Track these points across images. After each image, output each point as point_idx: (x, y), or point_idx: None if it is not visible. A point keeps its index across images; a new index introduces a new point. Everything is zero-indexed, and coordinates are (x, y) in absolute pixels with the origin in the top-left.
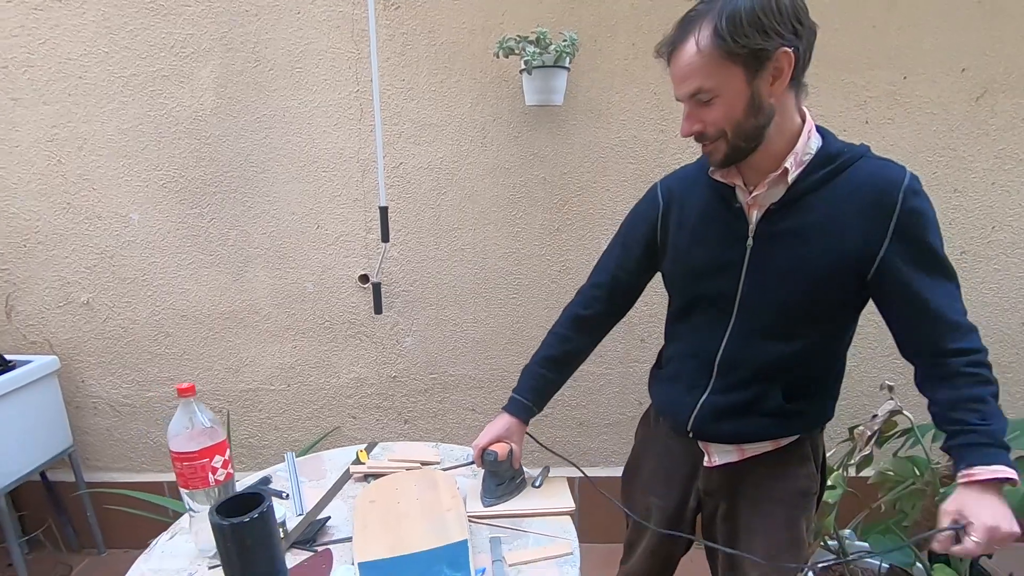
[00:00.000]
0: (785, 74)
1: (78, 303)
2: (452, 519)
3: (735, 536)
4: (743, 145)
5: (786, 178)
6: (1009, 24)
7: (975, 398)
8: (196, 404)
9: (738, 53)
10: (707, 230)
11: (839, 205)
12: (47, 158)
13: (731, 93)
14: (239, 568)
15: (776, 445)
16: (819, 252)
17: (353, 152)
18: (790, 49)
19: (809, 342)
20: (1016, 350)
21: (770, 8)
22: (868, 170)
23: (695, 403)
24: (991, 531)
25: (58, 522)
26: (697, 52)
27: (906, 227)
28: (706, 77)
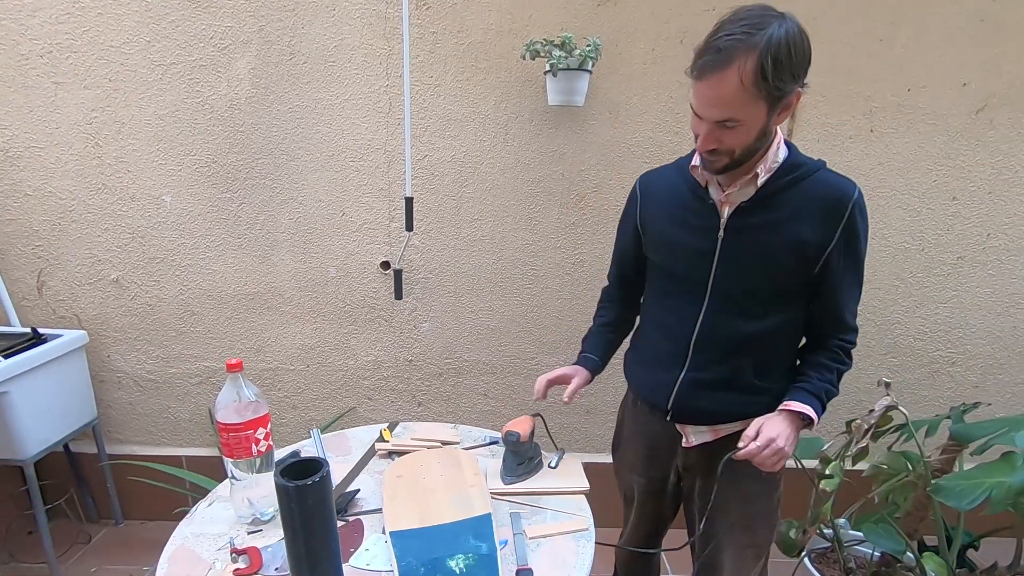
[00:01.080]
0: (792, 108)
1: (108, 280)
2: (476, 494)
3: (712, 508)
4: (743, 158)
5: (756, 181)
6: (1009, 42)
7: (826, 367)
8: (243, 379)
9: (773, 92)
10: (682, 222)
11: (800, 206)
12: (85, 140)
13: (752, 123)
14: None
15: (745, 424)
16: (782, 244)
17: (380, 144)
18: (802, 89)
19: (772, 322)
20: (1008, 352)
21: (800, 52)
22: (826, 180)
23: (674, 381)
24: (769, 440)
25: (79, 492)
26: (740, 86)
27: (849, 233)
28: (739, 109)
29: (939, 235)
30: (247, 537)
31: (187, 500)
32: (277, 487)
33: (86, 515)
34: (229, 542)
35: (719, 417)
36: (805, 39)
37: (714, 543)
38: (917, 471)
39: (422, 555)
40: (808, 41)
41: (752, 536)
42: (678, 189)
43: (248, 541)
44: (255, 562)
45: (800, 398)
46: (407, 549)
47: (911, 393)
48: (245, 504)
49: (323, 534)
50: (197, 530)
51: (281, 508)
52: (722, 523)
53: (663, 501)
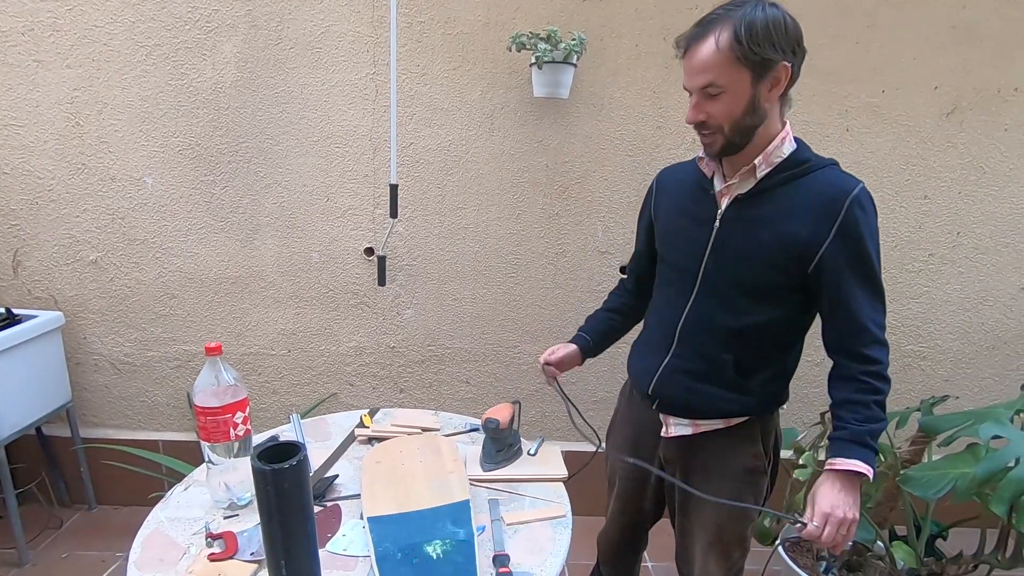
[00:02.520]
0: (782, 84)
1: (86, 261)
2: (455, 480)
3: (687, 504)
4: (737, 140)
5: (755, 173)
6: (977, 49)
7: (859, 402)
8: (222, 362)
9: (750, 59)
10: (685, 211)
11: (796, 202)
12: (66, 120)
13: (737, 92)
14: (276, 508)
15: (727, 424)
16: (771, 239)
17: (366, 131)
18: (789, 64)
19: (757, 319)
20: (976, 347)
21: (780, 26)
22: (828, 178)
23: (658, 366)
24: (825, 516)
25: (51, 476)
26: (716, 50)
27: (847, 230)
28: (720, 74)
29: (911, 232)
30: (223, 522)
31: (163, 485)
32: (253, 470)
33: (58, 499)
34: (205, 527)
35: (698, 410)
36: (788, 19)
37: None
38: (888, 462)
39: (399, 540)
40: (792, 21)
41: (721, 534)
42: (687, 181)
43: (224, 526)
44: (231, 547)
45: (843, 453)
46: (384, 534)
47: None
48: (222, 488)
49: (299, 519)
50: (172, 514)
51: (257, 492)
52: (695, 517)
53: (644, 492)
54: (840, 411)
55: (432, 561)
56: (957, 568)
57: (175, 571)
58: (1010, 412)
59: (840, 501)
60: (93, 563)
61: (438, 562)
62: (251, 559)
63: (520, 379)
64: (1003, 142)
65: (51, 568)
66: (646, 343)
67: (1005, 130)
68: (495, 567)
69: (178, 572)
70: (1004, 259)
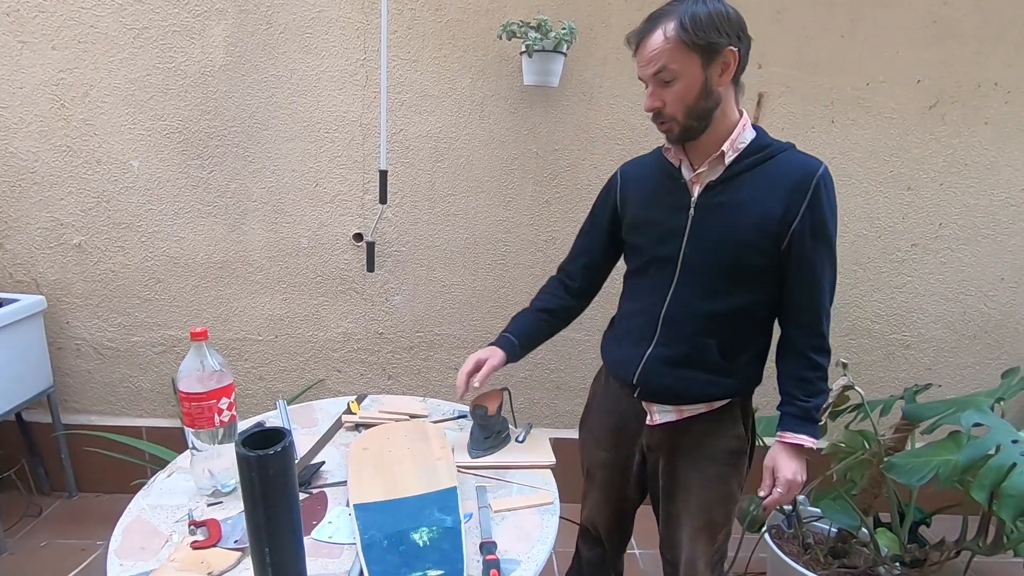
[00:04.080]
0: (731, 68)
1: (70, 245)
2: (442, 467)
3: (672, 489)
4: (694, 124)
5: (723, 160)
6: (958, 44)
7: (807, 379)
8: (207, 347)
9: (697, 43)
10: (657, 201)
11: (766, 185)
12: (51, 101)
13: (688, 76)
14: (260, 495)
15: (710, 408)
16: (748, 221)
17: (356, 116)
18: (735, 49)
19: (739, 301)
20: (958, 336)
21: (723, 15)
22: (793, 159)
23: (642, 356)
24: (789, 483)
25: (31, 463)
26: (664, 39)
27: (814, 207)
28: (670, 60)
29: (895, 223)
30: (207, 509)
31: (146, 472)
32: (238, 456)
33: (37, 487)
34: (188, 514)
35: (683, 396)
36: (730, 9)
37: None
38: (872, 449)
39: (386, 528)
40: (735, 11)
41: (708, 517)
42: (654, 172)
43: (208, 513)
44: (214, 534)
45: (793, 428)
46: (371, 522)
47: (868, 374)
48: (206, 475)
49: (284, 506)
50: (154, 502)
51: (241, 478)
52: (681, 502)
53: (627, 480)
54: (789, 387)
55: (419, 548)
56: (940, 554)
57: (157, 559)
58: (991, 400)
59: (797, 468)
60: (73, 552)
61: (425, 549)
62: (235, 547)
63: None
64: (983, 135)
65: (30, 557)
66: (626, 333)
67: (985, 123)
68: (482, 554)
69: (160, 560)
70: (985, 249)
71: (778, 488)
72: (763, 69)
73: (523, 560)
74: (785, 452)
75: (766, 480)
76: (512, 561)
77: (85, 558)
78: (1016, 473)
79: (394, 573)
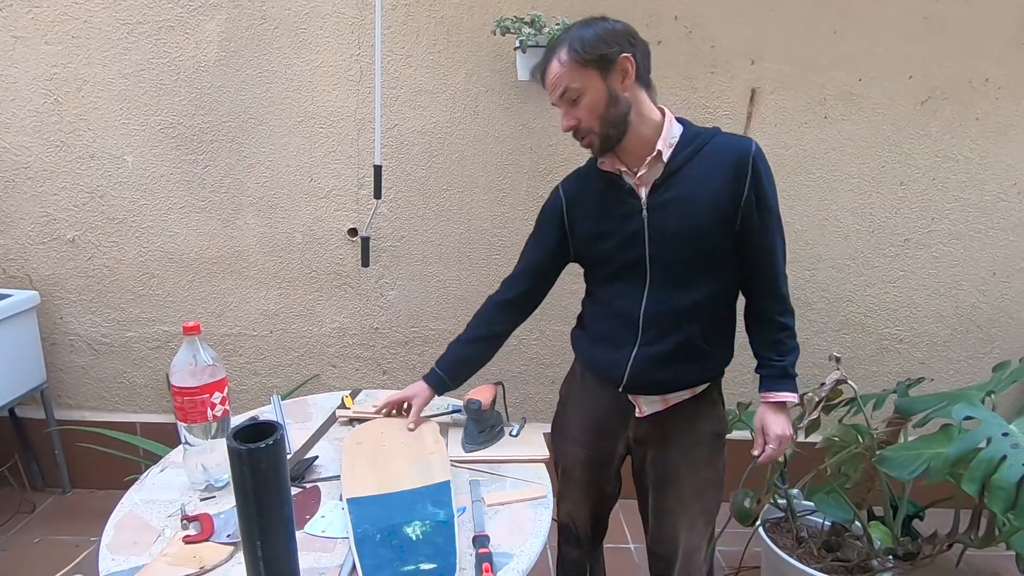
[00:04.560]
0: (630, 73)
1: (63, 240)
2: (436, 461)
3: (663, 480)
4: (611, 132)
5: (661, 158)
6: (950, 41)
7: (776, 340)
8: (200, 342)
9: (590, 59)
10: (608, 212)
11: (708, 172)
12: (44, 96)
13: (592, 90)
14: (252, 489)
15: (693, 393)
16: (701, 210)
17: (350, 111)
18: (629, 54)
19: (711, 287)
20: (951, 330)
21: (608, 30)
22: (725, 142)
23: (627, 359)
24: (780, 438)
25: (24, 459)
26: (560, 64)
27: (756, 183)
28: (570, 80)
29: (887, 218)
30: (199, 504)
31: (140, 468)
32: (229, 450)
33: (31, 483)
34: (180, 509)
35: (671, 385)
36: (616, 23)
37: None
38: (865, 442)
39: (379, 522)
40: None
41: (703, 502)
42: (597, 185)
43: (200, 508)
44: (206, 528)
45: (774, 387)
46: (364, 516)
47: (861, 368)
48: (199, 470)
49: (276, 499)
50: (147, 496)
51: (233, 472)
52: (674, 493)
53: (607, 476)
54: (764, 351)
55: (412, 542)
56: (932, 547)
57: (149, 554)
58: (981, 394)
59: (785, 423)
60: (67, 548)
61: (417, 543)
62: (227, 541)
63: (503, 361)
64: (974, 130)
65: (23, 554)
66: (602, 336)
67: (976, 119)
68: (475, 547)
69: (152, 555)
70: (977, 244)
71: (770, 444)
72: (756, 65)
73: (516, 553)
74: (771, 410)
75: (757, 439)
76: (505, 554)
77: (79, 554)
78: (1006, 466)
79: (387, 567)
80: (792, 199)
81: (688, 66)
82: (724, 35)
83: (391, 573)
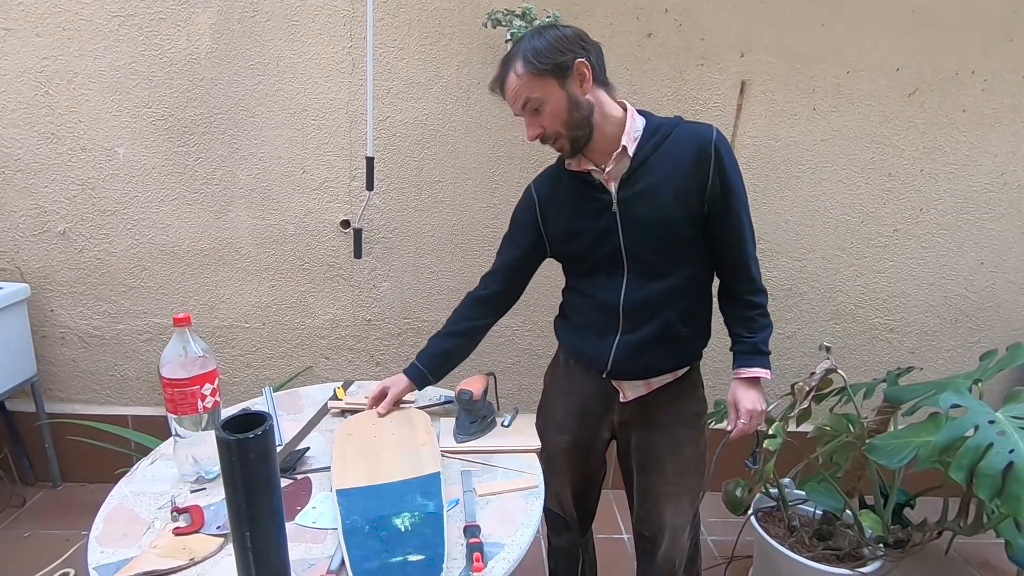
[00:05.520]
0: (588, 76)
1: (54, 232)
2: (426, 453)
3: (647, 462)
4: (579, 134)
5: (627, 153)
6: (937, 33)
7: (750, 318)
8: (190, 333)
9: (546, 68)
10: (581, 210)
11: (673, 161)
12: (35, 88)
13: (553, 99)
14: (241, 480)
15: (674, 376)
16: (670, 199)
17: (343, 104)
18: (583, 58)
19: (686, 273)
20: (940, 320)
21: (559, 37)
22: (687, 131)
23: (610, 347)
24: (751, 412)
25: (14, 453)
26: (517, 77)
27: (720, 165)
28: (530, 91)
29: (876, 208)
30: (190, 496)
31: (131, 461)
32: (218, 441)
33: (21, 477)
34: (171, 501)
35: (655, 371)
36: (565, 29)
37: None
38: (855, 432)
39: (368, 513)
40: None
41: (687, 481)
42: (566, 184)
43: (191, 500)
44: (196, 520)
45: (747, 363)
46: (353, 507)
47: (852, 358)
48: (189, 462)
49: (265, 490)
50: (137, 489)
51: (222, 463)
52: (658, 474)
53: (589, 460)
54: (736, 328)
55: (400, 534)
56: (922, 535)
57: (138, 546)
58: (968, 382)
59: (756, 398)
60: (57, 542)
61: (406, 534)
62: (217, 532)
63: (495, 351)
64: (961, 122)
65: (12, 548)
66: (584, 325)
67: (963, 111)
68: (466, 537)
69: (141, 547)
70: (964, 235)
71: (741, 419)
72: (745, 57)
73: (507, 543)
74: (743, 386)
75: (730, 414)
76: (496, 544)
77: (69, 548)
78: (992, 453)
79: (375, 558)
80: (781, 190)
81: (678, 58)
82: (714, 28)
83: (379, 564)
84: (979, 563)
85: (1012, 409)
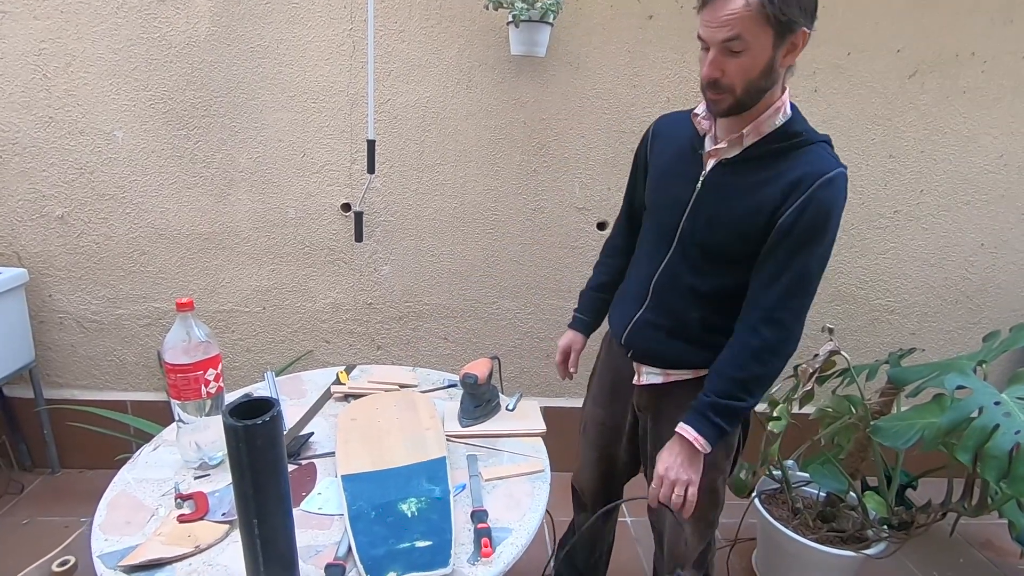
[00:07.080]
0: (798, 50)
1: (52, 217)
2: (431, 437)
3: (655, 451)
4: (747, 100)
5: (742, 143)
6: (937, 14)
7: (722, 374)
8: (193, 319)
9: (778, 19)
10: (674, 169)
11: (773, 175)
12: (33, 71)
13: (757, 50)
14: (248, 466)
15: (696, 375)
16: (741, 208)
17: (343, 86)
18: (808, 31)
19: (723, 283)
20: (941, 301)
21: None
22: (813, 155)
23: (632, 316)
24: (660, 478)
25: (12, 439)
26: (745, 5)
27: (805, 209)
28: (746, 29)
29: (877, 190)
30: (193, 482)
31: (130, 447)
32: (225, 427)
33: (19, 463)
34: (174, 487)
35: (666, 360)
36: None
37: None
38: (858, 413)
39: (373, 499)
40: None
41: None
42: (681, 136)
43: (194, 486)
44: (201, 507)
45: (690, 421)
46: (358, 493)
47: (853, 339)
48: (193, 448)
49: (272, 476)
50: (140, 475)
51: (229, 449)
52: None
53: (618, 440)
54: (710, 376)
55: (407, 519)
56: (926, 516)
57: (142, 534)
58: (973, 363)
59: (674, 463)
60: (56, 529)
61: (413, 520)
62: (223, 519)
63: (499, 335)
64: (961, 103)
65: (11, 535)
66: (625, 293)
67: (963, 92)
68: (473, 523)
69: (146, 535)
70: (965, 216)
71: (652, 486)
72: None
73: (514, 528)
74: (670, 445)
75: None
76: (503, 529)
77: (68, 535)
78: (999, 434)
79: (382, 544)
80: None
81: (680, 40)
82: None
83: (386, 550)
84: (981, 543)
85: (1017, 390)
